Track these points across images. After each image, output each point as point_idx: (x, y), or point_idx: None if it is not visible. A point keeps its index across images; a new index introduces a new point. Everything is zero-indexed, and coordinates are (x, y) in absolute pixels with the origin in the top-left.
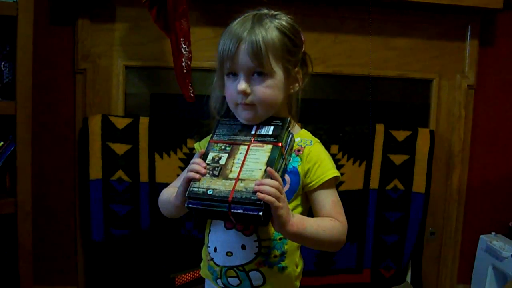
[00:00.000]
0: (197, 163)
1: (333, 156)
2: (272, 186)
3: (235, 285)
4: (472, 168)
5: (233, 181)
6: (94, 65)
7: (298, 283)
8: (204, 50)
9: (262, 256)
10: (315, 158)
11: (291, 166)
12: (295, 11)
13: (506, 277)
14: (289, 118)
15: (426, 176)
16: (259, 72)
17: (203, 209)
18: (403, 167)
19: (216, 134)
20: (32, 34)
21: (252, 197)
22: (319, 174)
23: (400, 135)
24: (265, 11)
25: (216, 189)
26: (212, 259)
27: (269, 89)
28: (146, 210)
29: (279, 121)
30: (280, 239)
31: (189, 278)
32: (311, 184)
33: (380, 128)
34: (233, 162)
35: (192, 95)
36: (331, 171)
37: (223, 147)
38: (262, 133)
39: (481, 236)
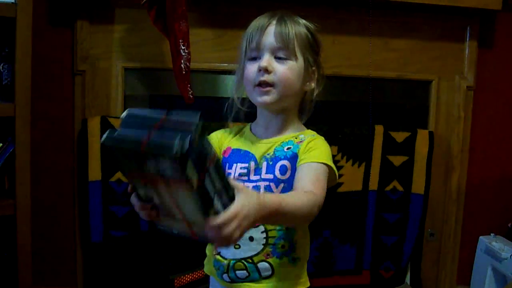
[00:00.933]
0: (135, 205)
1: (332, 157)
2: (225, 234)
3: (243, 278)
4: (471, 169)
5: (185, 223)
6: (93, 66)
7: (306, 275)
8: (203, 51)
9: (269, 247)
10: (314, 143)
11: (291, 153)
12: (294, 12)
13: (505, 278)
14: (174, 153)
15: (425, 177)
16: (282, 55)
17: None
18: (402, 168)
19: (123, 167)
20: (31, 36)
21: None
22: (313, 155)
23: (399, 136)
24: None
25: (178, 228)
26: (219, 253)
27: (290, 71)
28: None
29: (166, 160)
30: (288, 229)
31: (189, 279)
32: (301, 161)
33: (379, 129)
34: (167, 203)
35: (191, 96)
36: (325, 159)
37: (142, 183)
38: (163, 169)
39: (480, 237)
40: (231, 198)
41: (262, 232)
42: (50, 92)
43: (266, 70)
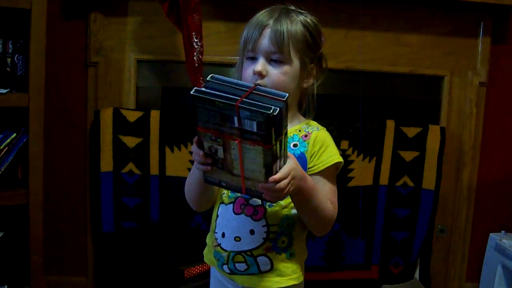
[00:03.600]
0: (196, 154)
1: (343, 151)
2: (278, 190)
3: (242, 270)
4: (483, 165)
5: (240, 178)
6: (106, 58)
7: (303, 273)
8: (216, 44)
9: (270, 241)
10: (321, 142)
11: (299, 152)
12: (307, 6)
13: None
14: (269, 113)
15: (436, 173)
16: (277, 58)
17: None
18: (413, 163)
19: (200, 121)
20: (45, 28)
21: (263, 196)
22: (323, 159)
23: (411, 131)
24: (293, 7)
25: (227, 182)
26: (219, 245)
27: (284, 75)
28: (156, 203)
29: (259, 117)
30: (288, 225)
31: (198, 271)
32: (314, 167)
33: (390, 124)
34: (231, 158)
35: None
36: (335, 157)
37: (213, 138)
38: (246, 128)
39: (491, 234)
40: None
41: (263, 226)
42: (64, 84)
43: (260, 74)
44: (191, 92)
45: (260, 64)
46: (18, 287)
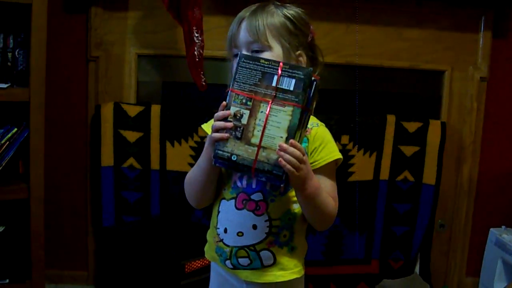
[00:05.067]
0: (221, 119)
1: (343, 146)
2: (293, 156)
3: (245, 265)
4: (483, 160)
5: (255, 148)
6: (107, 53)
7: (304, 266)
8: (216, 39)
9: (272, 236)
10: (321, 139)
11: None
12: (308, 1)
13: None
14: (311, 69)
15: (437, 168)
16: (257, 48)
17: (229, 167)
18: (414, 158)
19: (237, 81)
20: (46, 22)
21: (274, 171)
22: (323, 155)
23: (411, 126)
24: (276, 2)
25: (239, 155)
26: (221, 240)
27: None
28: (156, 197)
29: (300, 73)
30: (289, 219)
31: (199, 265)
32: (315, 163)
33: (391, 119)
34: (254, 123)
35: (204, 83)
36: (335, 153)
37: (244, 101)
38: (284, 87)
39: (491, 229)
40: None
41: (265, 221)
42: (64, 78)
43: None
44: (240, 52)
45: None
46: (19, 281)
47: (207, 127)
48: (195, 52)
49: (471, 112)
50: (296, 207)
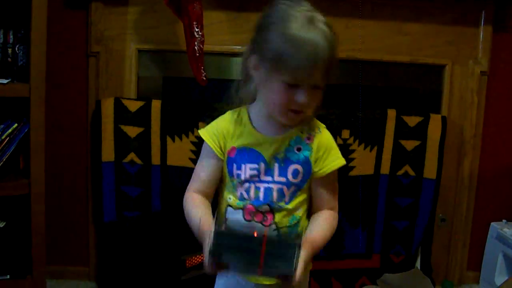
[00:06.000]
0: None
1: (344, 140)
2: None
3: None
4: (484, 155)
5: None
6: (107, 48)
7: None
8: (217, 33)
9: None
10: (324, 146)
11: (303, 156)
12: None
13: None
14: (299, 242)
15: (438, 162)
16: (318, 84)
17: None
18: (415, 153)
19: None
20: (46, 18)
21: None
22: (328, 163)
23: (412, 120)
24: (318, 15)
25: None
26: None
27: (319, 100)
28: (157, 192)
29: (281, 271)
30: (295, 224)
31: (200, 260)
32: (320, 172)
33: (391, 113)
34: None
35: (204, 78)
36: (339, 160)
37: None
38: (269, 265)
39: (492, 223)
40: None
41: (274, 230)
42: (65, 74)
43: (304, 106)
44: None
45: (306, 97)
46: (20, 277)
47: (205, 134)
48: (195, 47)
49: (471, 106)
50: (300, 211)
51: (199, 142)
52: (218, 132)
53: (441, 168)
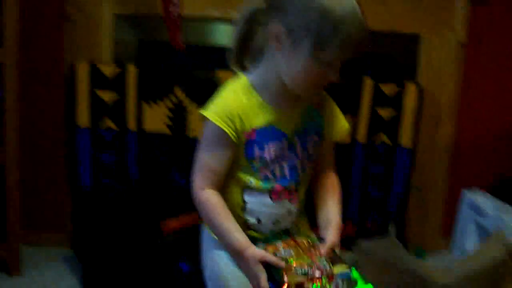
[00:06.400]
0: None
1: None
2: None
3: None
4: (460, 124)
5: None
6: (83, 12)
7: None
8: None
9: (299, 212)
10: (332, 110)
11: (317, 124)
12: None
13: (488, 233)
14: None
15: (413, 131)
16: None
17: None
18: (390, 121)
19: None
20: None
21: None
22: (339, 127)
23: (388, 88)
24: None
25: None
26: (253, 230)
27: None
28: (134, 158)
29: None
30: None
31: (178, 225)
32: (332, 136)
33: (368, 81)
34: None
35: (181, 43)
36: (346, 123)
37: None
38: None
39: (464, 191)
40: None
41: (298, 203)
42: (39, 38)
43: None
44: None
45: (338, 74)
46: None
47: (216, 118)
48: (171, 10)
49: (448, 76)
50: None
51: (176, 108)
52: (232, 115)
53: (417, 137)
